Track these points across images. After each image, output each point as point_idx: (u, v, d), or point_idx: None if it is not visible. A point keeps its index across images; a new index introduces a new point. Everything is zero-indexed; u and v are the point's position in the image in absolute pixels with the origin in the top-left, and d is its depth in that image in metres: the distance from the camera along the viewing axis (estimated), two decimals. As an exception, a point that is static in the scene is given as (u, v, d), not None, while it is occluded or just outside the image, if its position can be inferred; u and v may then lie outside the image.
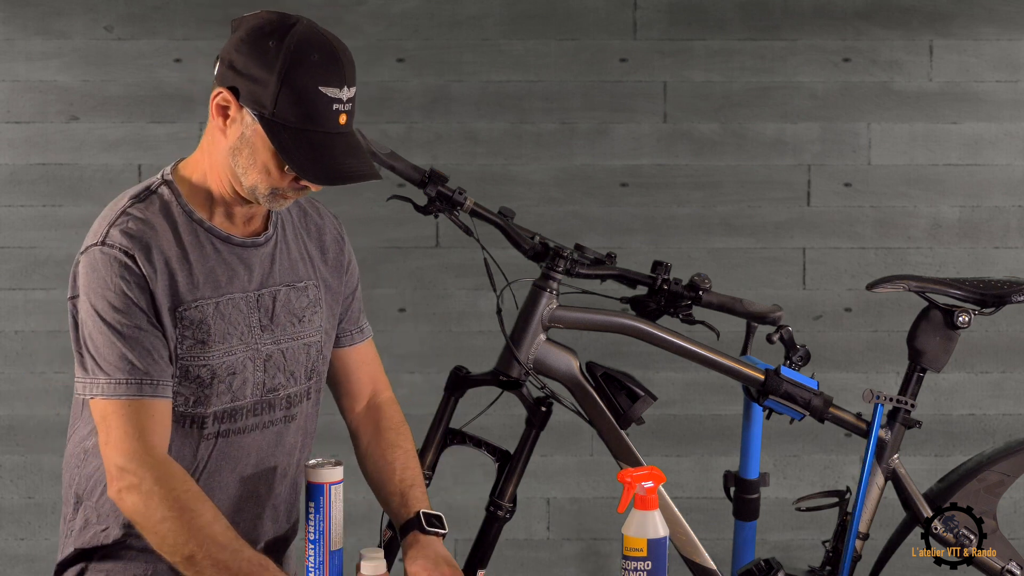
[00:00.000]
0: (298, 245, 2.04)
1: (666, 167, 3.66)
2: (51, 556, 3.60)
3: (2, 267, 3.60)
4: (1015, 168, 3.67)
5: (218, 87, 1.86)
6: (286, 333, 1.98)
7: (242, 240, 1.94)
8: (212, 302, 1.90)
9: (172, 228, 1.90)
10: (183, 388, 1.89)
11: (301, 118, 1.81)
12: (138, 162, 3.57)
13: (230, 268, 1.93)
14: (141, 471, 1.81)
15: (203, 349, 1.89)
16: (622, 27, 3.65)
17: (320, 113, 1.82)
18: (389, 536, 2.19)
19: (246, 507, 1.99)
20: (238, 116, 1.85)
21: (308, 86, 1.81)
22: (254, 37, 1.84)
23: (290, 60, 1.81)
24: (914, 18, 3.66)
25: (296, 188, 1.88)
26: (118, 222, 1.87)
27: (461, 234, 2.44)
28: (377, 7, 3.63)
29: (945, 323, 2.52)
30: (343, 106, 1.84)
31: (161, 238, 1.88)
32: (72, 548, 1.98)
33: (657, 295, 2.38)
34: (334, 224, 2.13)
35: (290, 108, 1.81)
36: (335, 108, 1.83)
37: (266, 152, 1.84)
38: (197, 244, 1.91)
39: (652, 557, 1.73)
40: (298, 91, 1.81)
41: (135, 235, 1.86)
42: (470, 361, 2.46)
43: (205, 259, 1.90)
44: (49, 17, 3.59)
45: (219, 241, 1.93)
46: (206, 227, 1.92)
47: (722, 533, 2.86)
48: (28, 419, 3.60)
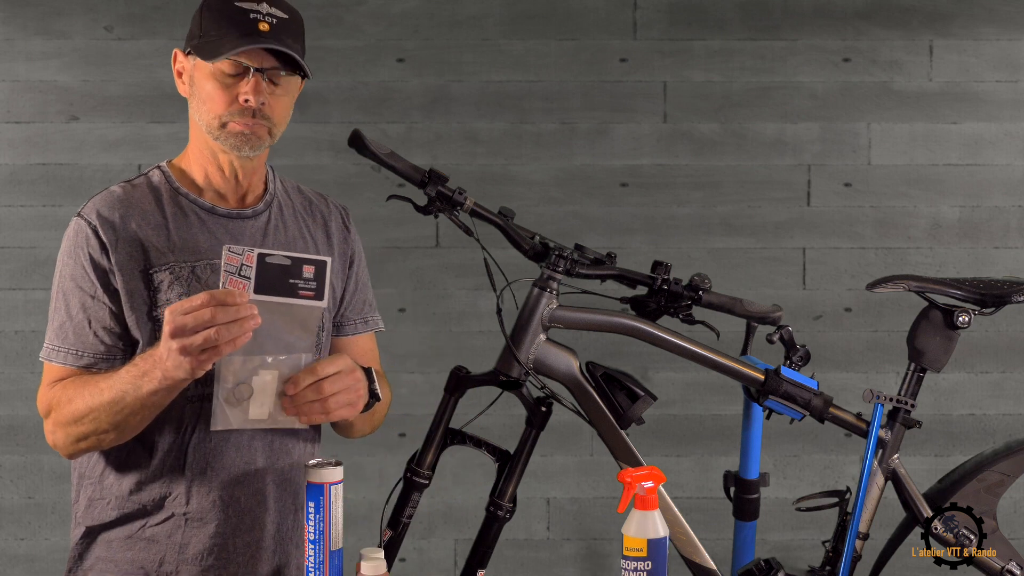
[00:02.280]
0: (298, 226, 2.13)
1: (666, 167, 3.66)
2: (51, 556, 3.62)
3: (2, 267, 3.60)
4: (1015, 168, 3.67)
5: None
6: None
7: (227, 211, 2.05)
8: (188, 265, 1.98)
9: (156, 200, 2.02)
10: None
11: (220, 30, 1.94)
12: (138, 162, 3.58)
13: (213, 236, 2.02)
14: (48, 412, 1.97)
15: None
16: (622, 27, 3.65)
17: (237, 21, 1.94)
18: (389, 536, 2.19)
19: (246, 481, 2.02)
20: (186, 64, 2.02)
21: (223, 6, 1.97)
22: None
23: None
24: (914, 18, 3.66)
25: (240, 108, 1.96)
26: (99, 197, 2.02)
27: (461, 234, 2.44)
28: (377, 7, 3.63)
29: (945, 323, 2.52)
30: (262, 16, 1.95)
31: (136, 209, 2.00)
32: (82, 528, 2.04)
33: (657, 295, 2.37)
34: (340, 214, 2.22)
35: (211, 26, 1.97)
36: (252, 16, 1.95)
37: (203, 79, 1.98)
38: (180, 214, 2.02)
39: (652, 557, 1.73)
40: (214, 12, 1.97)
41: (109, 206, 1.99)
42: (470, 361, 2.45)
43: (188, 227, 2.01)
44: (49, 17, 3.59)
45: (204, 212, 2.04)
46: (191, 199, 2.04)
47: (722, 533, 2.86)
48: (28, 419, 3.61)
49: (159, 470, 1.98)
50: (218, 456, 1.99)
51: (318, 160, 3.63)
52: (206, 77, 1.97)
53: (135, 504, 1.99)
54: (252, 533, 2.02)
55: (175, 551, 1.98)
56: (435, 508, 3.64)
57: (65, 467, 3.55)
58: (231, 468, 2.00)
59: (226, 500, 2.00)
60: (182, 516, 1.99)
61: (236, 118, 1.97)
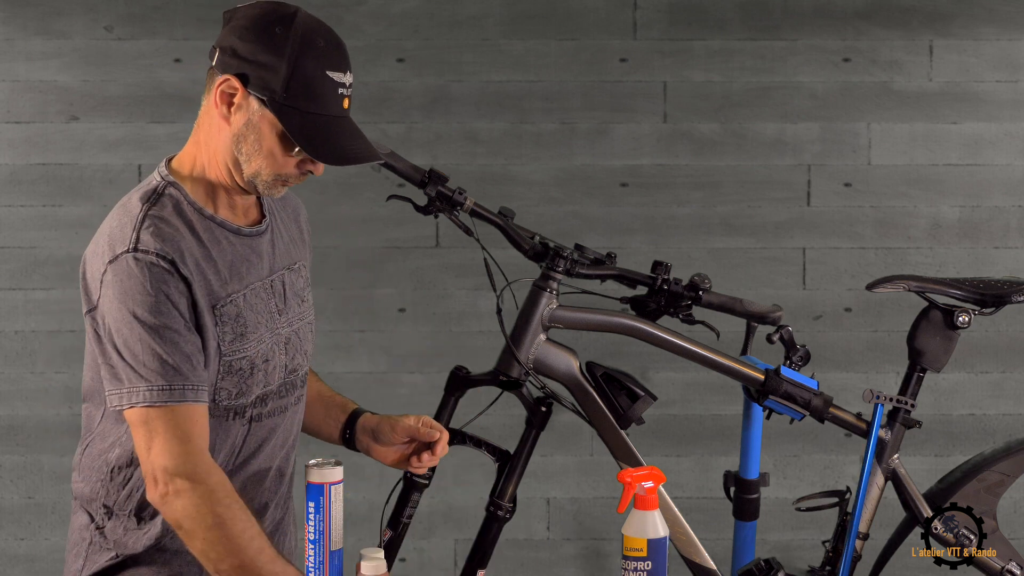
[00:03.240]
0: (287, 229, 2.10)
1: (666, 167, 3.66)
2: (51, 556, 3.62)
3: (2, 267, 3.60)
4: (1015, 168, 3.67)
5: (222, 75, 1.88)
6: (295, 314, 2.05)
7: (250, 231, 1.98)
8: (241, 294, 1.94)
9: (189, 227, 1.91)
10: (225, 383, 1.92)
11: (310, 102, 1.86)
12: (138, 162, 3.57)
13: (246, 259, 1.96)
14: (193, 476, 1.82)
15: (243, 342, 1.93)
16: (622, 27, 3.65)
17: (328, 97, 1.87)
18: (389, 536, 2.19)
19: (273, 485, 2.03)
20: (244, 103, 1.88)
21: (317, 71, 1.86)
22: (259, 25, 1.87)
23: (299, 45, 1.85)
24: (914, 18, 3.66)
25: (300, 173, 1.93)
26: (145, 226, 1.86)
27: (461, 234, 2.44)
28: (377, 7, 3.63)
29: (945, 323, 2.52)
30: (346, 90, 1.90)
31: (186, 239, 1.89)
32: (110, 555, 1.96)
33: (657, 295, 2.38)
34: (300, 203, 2.19)
35: (300, 92, 1.85)
36: (340, 92, 1.89)
37: (272, 137, 1.88)
38: (215, 240, 1.93)
39: (652, 557, 1.72)
40: (307, 75, 1.85)
41: (167, 239, 1.86)
42: (470, 361, 2.46)
43: (224, 253, 1.93)
44: (49, 17, 3.59)
45: (232, 234, 1.95)
46: (218, 222, 1.94)
47: (722, 533, 2.86)
48: (28, 419, 3.60)
49: None
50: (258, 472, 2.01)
51: (318, 160, 3.62)
52: (276, 137, 1.88)
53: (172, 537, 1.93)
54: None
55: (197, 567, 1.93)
56: (435, 508, 3.64)
57: (66, 467, 3.54)
58: (263, 478, 2.02)
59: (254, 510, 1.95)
60: None
61: (293, 180, 1.94)
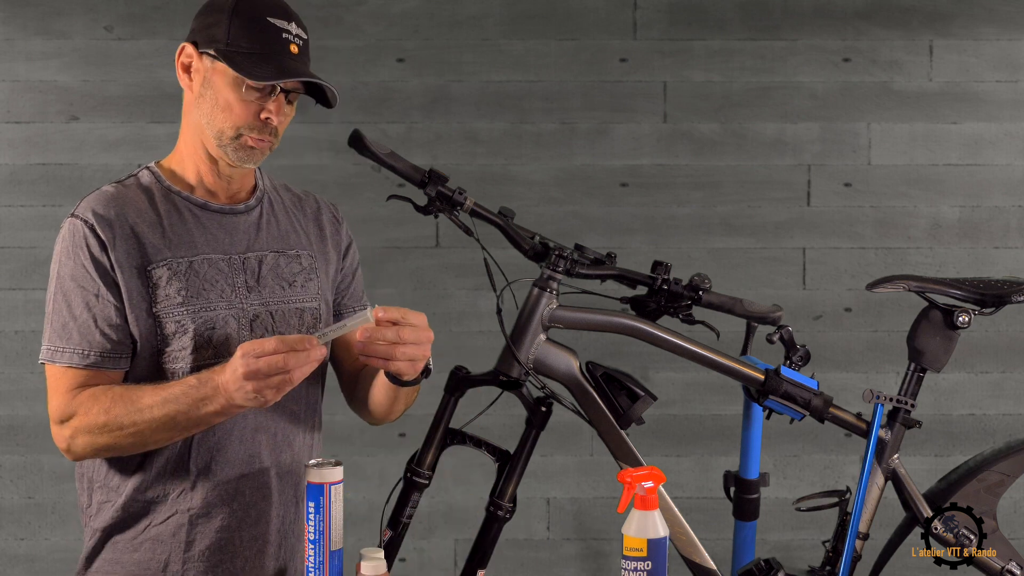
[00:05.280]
0: (289, 220, 2.15)
1: (666, 167, 3.66)
2: (51, 556, 3.62)
3: (2, 267, 3.60)
4: (1015, 168, 3.67)
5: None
6: (275, 296, 2.07)
7: (220, 207, 2.07)
8: (185, 260, 1.99)
9: (148, 199, 2.03)
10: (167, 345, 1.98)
11: (253, 43, 1.95)
12: (138, 162, 3.57)
13: (208, 232, 2.04)
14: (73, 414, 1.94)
15: (179, 304, 1.98)
16: (622, 27, 3.65)
17: (270, 38, 1.96)
18: (389, 536, 2.19)
19: (251, 474, 2.03)
20: (199, 65, 2.00)
21: (256, 16, 1.97)
22: (208, 1, 2.04)
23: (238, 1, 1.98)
24: (914, 18, 3.66)
25: (259, 122, 1.98)
26: (91, 197, 2.01)
27: (461, 234, 2.44)
28: (377, 7, 3.63)
29: (945, 323, 2.52)
30: (291, 37, 1.98)
31: (130, 206, 2.00)
32: (94, 531, 2.04)
33: (657, 295, 2.37)
34: (330, 208, 2.25)
35: (242, 36, 1.95)
36: (284, 37, 1.97)
37: (225, 86, 1.98)
38: (174, 210, 2.03)
39: (652, 557, 1.72)
40: (247, 21, 1.96)
41: (105, 204, 1.99)
42: (470, 361, 2.45)
43: (182, 223, 2.02)
44: (49, 17, 3.59)
45: (197, 208, 2.05)
46: (183, 196, 2.05)
47: (722, 533, 2.85)
48: (28, 419, 3.61)
49: (163, 467, 1.99)
50: (222, 450, 2.00)
51: (318, 160, 3.63)
52: (228, 85, 1.97)
53: (139, 503, 2.00)
54: (258, 527, 2.03)
55: (180, 549, 1.99)
56: (435, 508, 3.64)
57: (66, 468, 3.55)
58: (235, 461, 2.01)
59: (231, 494, 2.00)
60: (186, 513, 1.99)
61: (252, 132, 2.00)
